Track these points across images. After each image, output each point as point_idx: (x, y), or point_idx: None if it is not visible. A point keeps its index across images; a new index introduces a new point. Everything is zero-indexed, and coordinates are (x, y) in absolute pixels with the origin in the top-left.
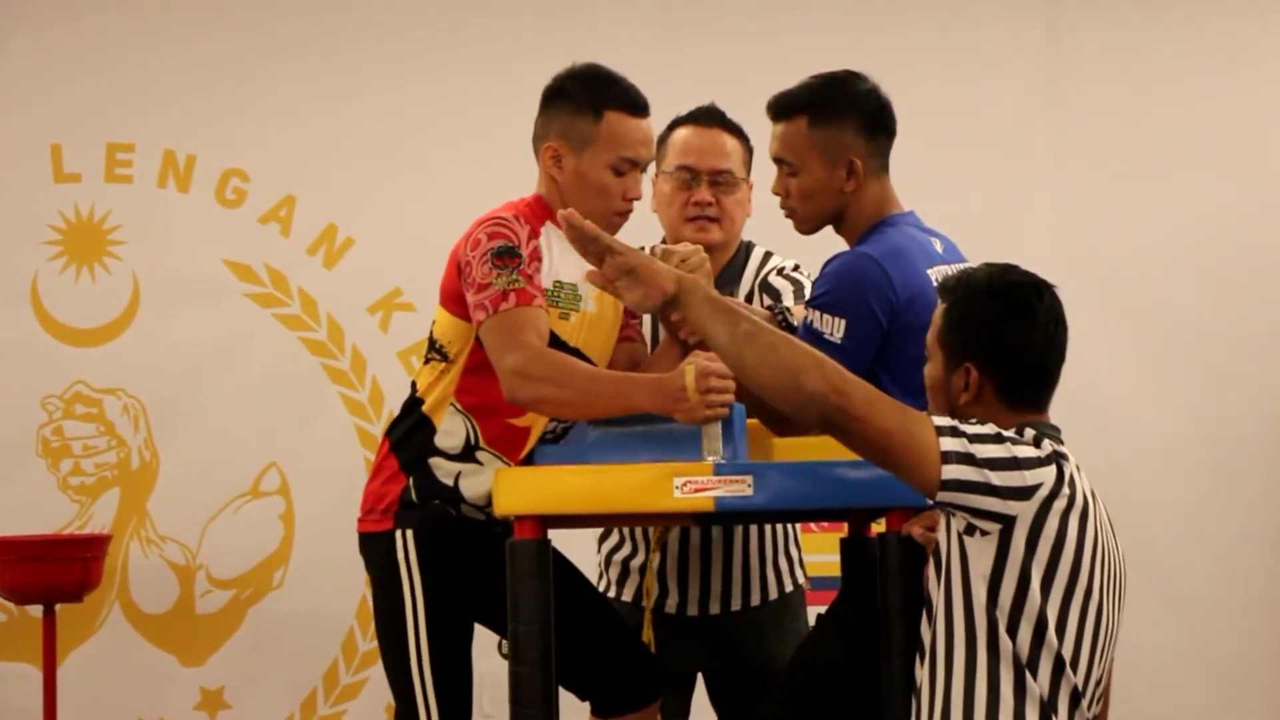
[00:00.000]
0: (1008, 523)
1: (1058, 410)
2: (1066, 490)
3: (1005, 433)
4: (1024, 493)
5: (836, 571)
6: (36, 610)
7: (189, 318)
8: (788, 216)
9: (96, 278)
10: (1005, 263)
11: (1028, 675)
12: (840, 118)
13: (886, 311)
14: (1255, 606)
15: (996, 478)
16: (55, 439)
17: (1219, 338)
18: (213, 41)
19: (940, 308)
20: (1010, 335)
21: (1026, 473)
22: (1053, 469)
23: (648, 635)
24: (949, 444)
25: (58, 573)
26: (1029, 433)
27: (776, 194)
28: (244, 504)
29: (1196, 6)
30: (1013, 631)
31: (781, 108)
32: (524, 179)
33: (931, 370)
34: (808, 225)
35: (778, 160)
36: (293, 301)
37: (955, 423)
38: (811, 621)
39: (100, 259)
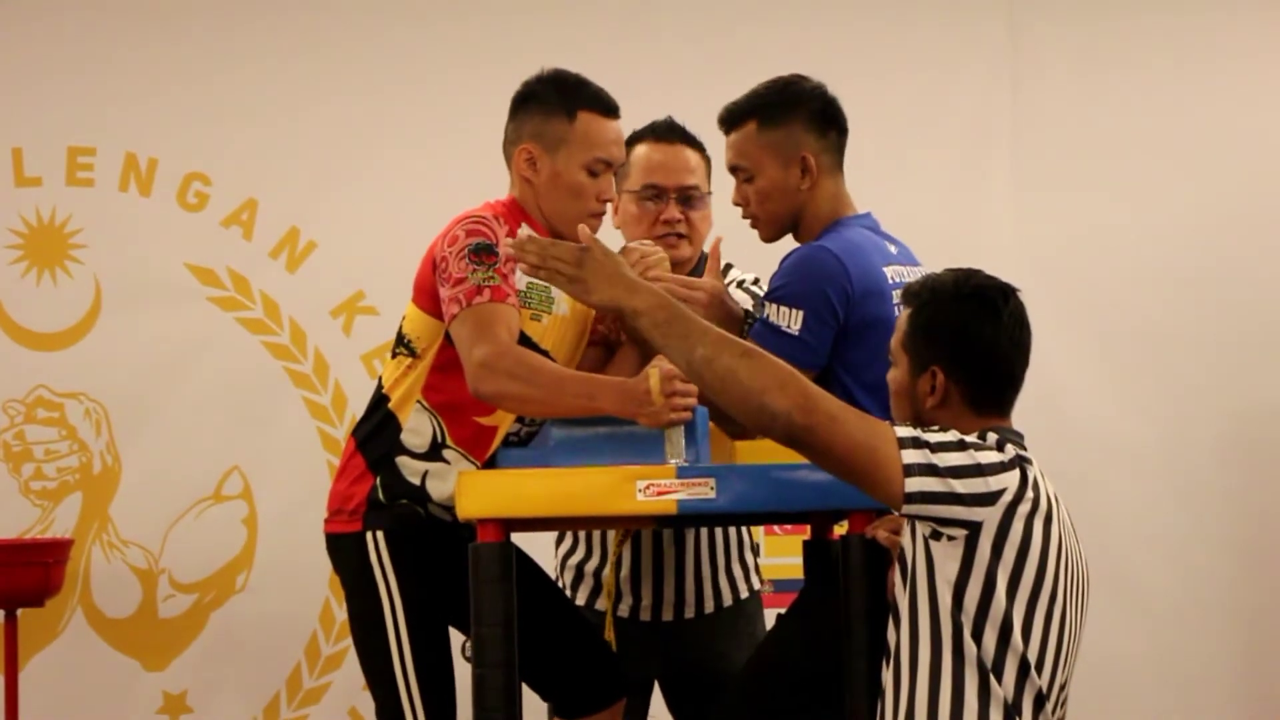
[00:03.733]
0: (973, 528)
1: (1017, 415)
2: (1030, 494)
3: (968, 439)
4: (988, 498)
5: (799, 574)
6: None
7: (151, 321)
8: (752, 226)
9: (58, 281)
10: (968, 268)
11: (992, 679)
12: (788, 116)
13: (843, 303)
14: (1215, 611)
15: (960, 485)
16: (17, 443)
17: (1179, 341)
18: (174, 45)
19: (905, 312)
20: (977, 338)
21: (990, 478)
22: (1016, 473)
23: (609, 637)
24: (911, 456)
25: (19, 577)
26: (991, 437)
27: (737, 204)
28: (206, 508)
29: (1160, 5)
30: (978, 636)
31: (731, 117)
32: (487, 181)
33: (896, 375)
34: (770, 230)
35: (733, 169)
36: (255, 305)
37: (917, 433)
38: (770, 625)
39: (62, 263)
